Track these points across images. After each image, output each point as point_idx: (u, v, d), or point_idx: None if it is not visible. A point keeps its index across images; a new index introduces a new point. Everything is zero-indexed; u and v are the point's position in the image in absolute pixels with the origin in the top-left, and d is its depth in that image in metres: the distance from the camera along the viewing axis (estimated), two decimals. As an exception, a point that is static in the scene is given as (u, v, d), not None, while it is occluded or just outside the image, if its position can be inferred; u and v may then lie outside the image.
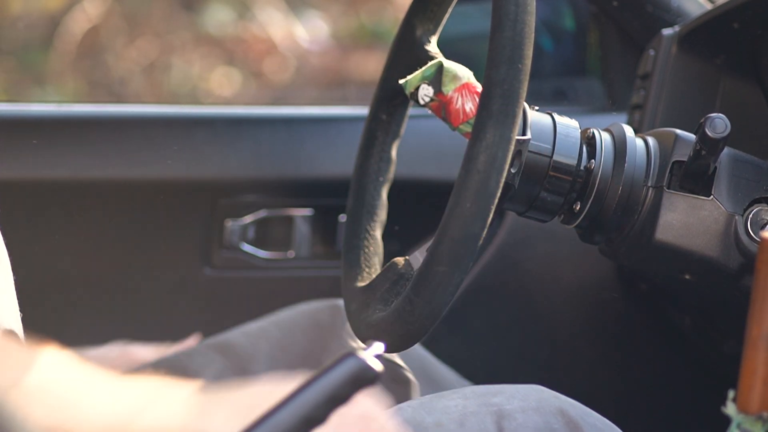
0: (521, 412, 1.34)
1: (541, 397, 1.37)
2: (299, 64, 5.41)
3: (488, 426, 1.33)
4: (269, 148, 2.03)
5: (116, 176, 1.96)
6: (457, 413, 1.35)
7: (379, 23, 5.44)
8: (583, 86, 2.28)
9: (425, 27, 1.55)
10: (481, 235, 1.29)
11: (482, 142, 1.28)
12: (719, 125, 1.38)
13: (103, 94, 5.11)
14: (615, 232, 1.48)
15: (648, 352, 2.09)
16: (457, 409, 1.35)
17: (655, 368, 2.09)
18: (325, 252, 2.05)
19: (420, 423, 1.34)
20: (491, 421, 1.34)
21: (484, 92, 1.30)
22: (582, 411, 1.36)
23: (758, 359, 1.06)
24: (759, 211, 1.44)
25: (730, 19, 1.67)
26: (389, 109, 1.61)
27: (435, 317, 1.33)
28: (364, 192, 1.60)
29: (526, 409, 1.35)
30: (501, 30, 1.30)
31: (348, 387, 1.08)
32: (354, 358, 1.08)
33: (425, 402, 1.38)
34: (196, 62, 5.27)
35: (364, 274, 1.56)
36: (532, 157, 1.42)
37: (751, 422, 1.08)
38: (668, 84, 1.76)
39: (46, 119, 2.01)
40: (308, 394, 1.07)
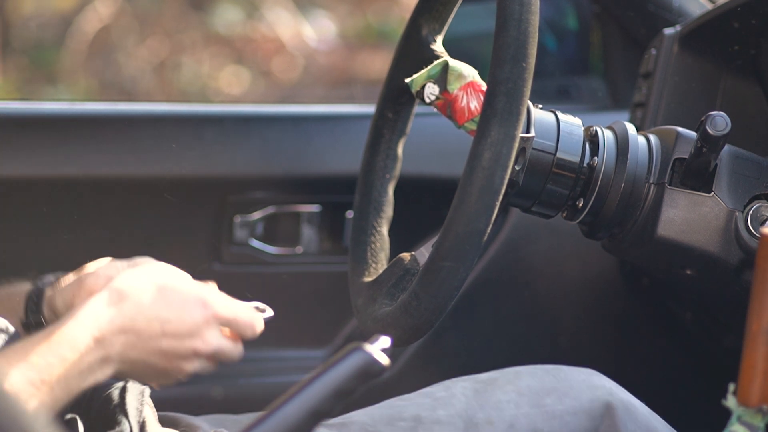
0: (572, 414, 1.35)
1: (594, 396, 1.37)
2: (307, 63, 5.40)
3: (538, 427, 1.35)
4: (277, 145, 2.03)
5: (127, 173, 1.96)
6: (509, 413, 1.35)
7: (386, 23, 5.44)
8: (586, 85, 2.27)
9: (431, 26, 1.56)
10: (486, 230, 1.31)
11: (487, 139, 1.29)
12: (720, 123, 1.39)
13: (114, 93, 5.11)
14: (617, 228, 1.48)
15: (650, 346, 2.09)
16: (509, 406, 1.36)
17: (657, 362, 2.09)
18: (333, 248, 2.05)
19: (471, 418, 1.35)
20: (542, 424, 1.35)
21: (488, 90, 1.31)
22: (630, 414, 1.36)
23: (758, 353, 1.07)
24: (759, 208, 1.44)
25: (731, 18, 1.67)
26: (395, 108, 1.62)
27: (441, 311, 1.35)
28: (370, 189, 1.61)
29: (577, 410, 1.36)
30: (505, 29, 1.31)
31: (355, 380, 1.09)
32: (361, 352, 1.09)
33: (479, 390, 1.38)
34: (205, 61, 5.27)
35: (371, 270, 1.57)
36: (536, 154, 1.43)
37: (751, 415, 1.09)
38: (670, 82, 1.76)
39: (58, 117, 2.01)
40: (316, 388, 1.08)
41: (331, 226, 2.05)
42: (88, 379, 1.20)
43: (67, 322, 1.21)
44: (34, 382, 1.17)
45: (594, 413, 1.36)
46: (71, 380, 1.19)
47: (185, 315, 1.25)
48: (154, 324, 1.23)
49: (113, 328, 1.21)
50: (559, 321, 2.07)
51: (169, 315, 1.24)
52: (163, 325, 1.23)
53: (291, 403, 1.08)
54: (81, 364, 1.19)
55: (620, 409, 1.36)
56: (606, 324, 2.09)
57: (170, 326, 1.24)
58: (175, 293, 1.25)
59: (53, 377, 1.17)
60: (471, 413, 1.35)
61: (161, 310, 1.24)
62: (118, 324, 1.22)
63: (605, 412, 1.36)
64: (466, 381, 1.40)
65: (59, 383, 1.18)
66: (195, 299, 1.25)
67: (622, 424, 1.35)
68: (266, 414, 1.08)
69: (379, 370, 1.09)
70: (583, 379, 1.39)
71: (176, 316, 1.24)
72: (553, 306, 2.07)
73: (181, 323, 1.25)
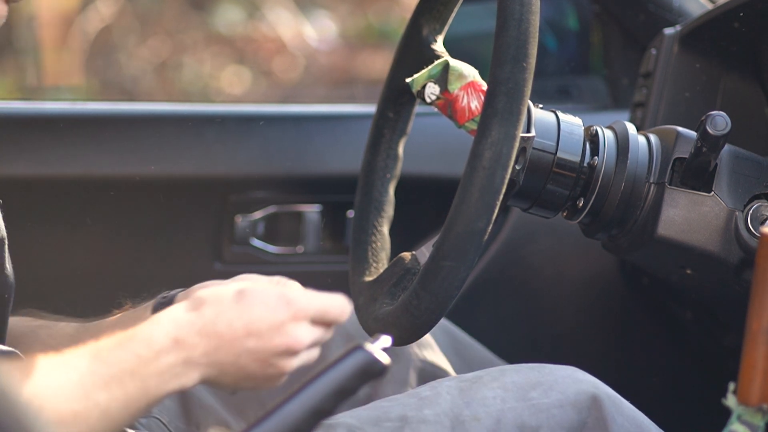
0: (558, 407, 1.35)
1: (579, 389, 1.37)
2: (308, 63, 5.41)
3: (525, 423, 1.34)
4: (279, 145, 2.03)
5: (128, 173, 1.96)
6: (496, 408, 1.35)
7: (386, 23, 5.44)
8: (587, 84, 2.27)
9: (431, 26, 1.56)
10: (486, 230, 1.31)
11: (487, 139, 1.29)
12: (720, 123, 1.39)
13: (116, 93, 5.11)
14: (618, 227, 1.49)
15: (650, 345, 2.09)
16: (495, 401, 1.35)
17: (657, 361, 2.09)
18: (334, 247, 2.05)
19: (458, 416, 1.35)
20: (529, 417, 1.34)
21: (489, 90, 1.31)
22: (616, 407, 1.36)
23: (758, 352, 1.07)
24: (759, 207, 1.45)
25: (731, 18, 1.67)
26: (396, 107, 1.62)
27: (441, 311, 1.35)
28: (371, 188, 1.61)
29: (563, 403, 1.35)
30: (506, 29, 1.31)
31: (356, 379, 1.09)
32: (362, 351, 1.10)
33: (464, 389, 1.38)
34: (206, 61, 5.27)
35: (372, 269, 1.57)
36: (537, 154, 1.44)
37: (751, 414, 1.09)
38: (670, 82, 1.77)
39: (60, 117, 2.01)
40: (317, 387, 1.09)
41: (332, 225, 2.05)
42: (171, 382, 1.19)
43: (145, 324, 1.21)
44: (103, 376, 1.17)
45: (580, 406, 1.35)
46: (148, 379, 1.18)
47: (268, 314, 1.23)
48: (236, 325, 1.21)
49: (192, 331, 1.20)
50: (560, 320, 2.07)
51: (251, 315, 1.22)
52: (246, 326, 1.22)
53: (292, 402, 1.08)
54: (158, 364, 1.18)
55: (607, 401, 1.36)
56: (606, 323, 2.09)
57: (254, 326, 1.22)
58: (256, 294, 1.24)
59: (125, 373, 1.17)
60: (457, 411, 1.35)
61: (243, 312, 1.23)
62: (197, 327, 1.21)
63: (591, 405, 1.35)
64: (452, 380, 1.40)
65: (133, 380, 1.17)
66: (277, 298, 1.24)
67: (610, 416, 1.35)
68: (268, 413, 1.08)
69: (380, 370, 1.09)
70: (568, 374, 1.39)
71: (259, 315, 1.23)
72: (553, 305, 2.07)
73: (265, 322, 1.23)
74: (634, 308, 2.07)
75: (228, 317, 1.22)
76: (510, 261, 2.04)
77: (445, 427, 1.34)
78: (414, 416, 1.35)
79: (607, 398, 1.36)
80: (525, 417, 1.34)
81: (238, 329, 1.21)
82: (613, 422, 1.35)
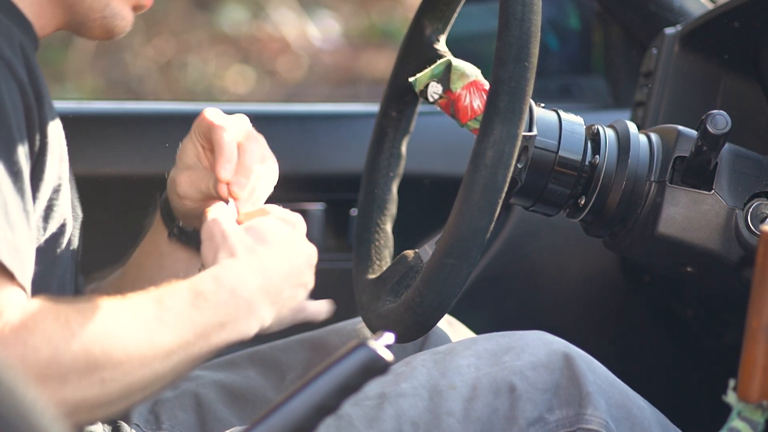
0: (531, 369, 1.36)
1: (550, 350, 1.38)
2: (312, 63, 5.41)
3: (501, 386, 1.36)
4: (282, 144, 2.03)
5: (134, 172, 1.96)
6: (471, 375, 1.37)
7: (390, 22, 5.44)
8: (588, 84, 2.28)
9: (434, 26, 1.57)
10: (488, 228, 1.32)
11: (490, 138, 1.30)
12: (720, 122, 1.40)
13: (121, 92, 5.12)
14: (619, 225, 1.49)
15: (651, 342, 2.09)
16: (470, 369, 1.37)
17: (658, 358, 2.09)
18: (337, 245, 2.06)
19: (435, 386, 1.36)
20: (503, 380, 1.36)
21: (491, 90, 1.32)
22: (587, 365, 1.38)
23: (758, 350, 1.07)
24: (759, 205, 1.45)
25: (731, 18, 1.68)
26: (399, 107, 1.63)
27: (444, 308, 1.36)
28: (374, 187, 1.62)
29: (536, 365, 1.37)
30: (508, 29, 1.32)
31: (359, 376, 1.09)
32: (365, 348, 1.09)
33: (438, 360, 1.39)
34: (211, 60, 5.28)
35: (375, 267, 1.58)
36: (539, 152, 1.44)
37: (751, 410, 1.09)
38: (671, 82, 1.77)
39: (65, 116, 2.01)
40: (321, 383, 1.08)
41: (335, 223, 2.06)
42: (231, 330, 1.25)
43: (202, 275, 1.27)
44: (166, 321, 1.20)
45: (553, 366, 1.37)
46: (208, 327, 1.23)
47: (303, 247, 1.34)
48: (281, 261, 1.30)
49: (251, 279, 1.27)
50: (561, 318, 2.07)
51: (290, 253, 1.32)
52: (287, 257, 1.31)
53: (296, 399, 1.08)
54: (217, 313, 1.24)
55: (578, 359, 1.37)
56: (607, 320, 2.09)
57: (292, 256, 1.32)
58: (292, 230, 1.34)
59: (185, 319, 1.21)
60: (434, 382, 1.36)
61: (283, 250, 1.32)
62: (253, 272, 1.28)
63: (564, 364, 1.37)
64: (425, 354, 1.42)
65: (194, 327, 1.22)
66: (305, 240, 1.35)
67: (582, 374, 1.36)
68: (271, 409, 1.08)
69: (383, 366, 1.09)
70: (538, 337, 1.40)
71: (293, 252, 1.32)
72: (554, 303, 2.08)
73: (302, 254, 1.33)
74: (635, 306, 2.07)
75: (274, 257, 1.29)
76: (512, 259, 2.04)
77: (423, 398, 1.35)
78: (392, 391, 1.36)
79: (578, 357, 1.37)
80: (499, 381, 1.36)
81: (282, 261, 1.29)
82: (586, 379, 1.36)
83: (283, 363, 1.61)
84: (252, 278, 1.27)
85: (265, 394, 1.57)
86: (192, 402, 1.54)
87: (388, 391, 1.36)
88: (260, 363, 1.62)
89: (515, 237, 2.05)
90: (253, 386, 1.57)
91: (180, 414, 1.53)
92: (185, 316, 1.22)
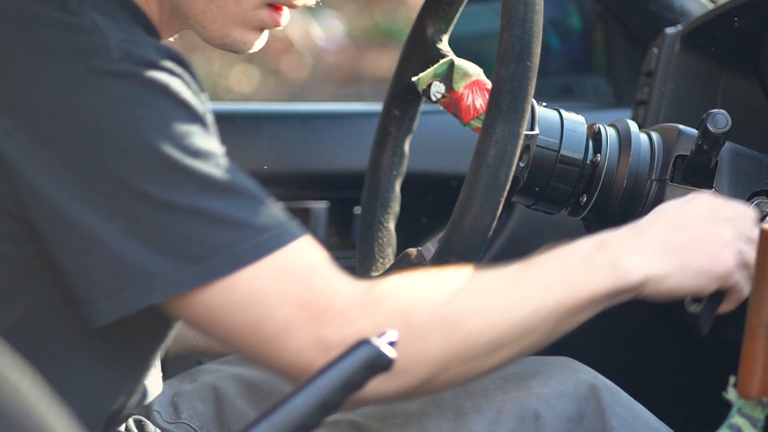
0: (557, 398, 1.36)
1: (578, 380, 1.38)
2: (315, 62, 5.41)
3: (526, 413, 1.35)
4: (286, 143, 2.03)
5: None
6: (497, 398, 1.36)
7: (393, 22, 5.45)
8: (589, 83, 2.28)
9: (437, 26, 1.57)
10: (491, 226, 1.32)
11: (492, 137, 1.30)
12: (720, 121, 1.40)
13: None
14: (620, 223, 1.45)
15: (651, 339, 2.09)
16: (496, 392, 1.36)
17: (658, 355, 2.09)
18: (341, 243, 2.06)
19: (460, 408, 1.36)
20: (529, 407, 1.35)
21: (493, 89, 1.32)
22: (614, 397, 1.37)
23: (758, 346, 1.08)
24: (759, 204, 1.45)
25: (731, 18, 1.68)
26: (402, 106, 1.63)
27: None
28: (378, 185, 1.62)
29: (562, 394, 1.36)
30: (510, 29, 1.32)
31: (363, 373, 1.09)
32: (368, 345, 1.09)
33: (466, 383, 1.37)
34: (215, 60, 5.28)
35: (378, 265, 1.58)
36: (540, 151, 1.44)
37: (751, 407, 1.10)
38: (671, 81, 1.77)
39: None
40: (325, 380, 1.09)
41: (339, 221, 2.06)
42: (608, 275, 1.25)
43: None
44: (544, 284, 1.22)
45: (579, 396, 1.36)
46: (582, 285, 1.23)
47: (728, 204, 1.28)
48: (694, 211, 1.26)
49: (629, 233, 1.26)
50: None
51: (710, 201, 1.28)
52: (709, 210, 1.26)
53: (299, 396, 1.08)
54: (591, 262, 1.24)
55: (605, 391, 1.37)
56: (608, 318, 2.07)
57: (714, 210, 1.26)
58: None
59: (556, 282, 1.22)
60: (459, 403, 1.36)
61: (702, 200, 1.28)
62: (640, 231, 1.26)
63: (590, 395, 1.36)
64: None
65: (573, 284, 1.22)
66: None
67: (608, 406, 1.36)
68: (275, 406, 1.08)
69: (386, 364, 1.09)
70: (567, 364, 1.40)
71: (716, 203, 1.28)
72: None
73: (723, 208, 1.28)
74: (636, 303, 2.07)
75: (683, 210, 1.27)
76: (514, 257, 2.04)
77: (448, 419, 1.35)
78: (417, 411, 1.35)
79: (605, 388, 1.37)
80: (525, 407, 1.35)
81: (695, 214, 1.26)
82: (612, 412, 1.35)
83: None
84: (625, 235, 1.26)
85: (283, 388, 1.56)
86: (211, 394, 1.54)
87: (414, 411, 1.35)
88: None
89: (517, 235, 2.05)
90: (272, 380, 1.57)
91: (199, 405, 1.53)
92: (550, 265, 1.22)
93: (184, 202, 1.13)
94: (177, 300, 1.14)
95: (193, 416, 1.52)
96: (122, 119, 1.13)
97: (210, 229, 1.13)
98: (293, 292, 1.14)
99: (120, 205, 1.13)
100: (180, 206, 1.13)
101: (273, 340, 1.14)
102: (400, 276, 1.20)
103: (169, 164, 1.13)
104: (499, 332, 1.18)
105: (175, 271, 1.13)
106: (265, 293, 1.14)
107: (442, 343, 1.15)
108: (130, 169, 1.13)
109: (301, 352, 1.14)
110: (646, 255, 1.26)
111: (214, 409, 1.54)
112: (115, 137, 1.13)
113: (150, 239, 1.13)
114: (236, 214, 1.14)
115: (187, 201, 1.13)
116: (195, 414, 1.53)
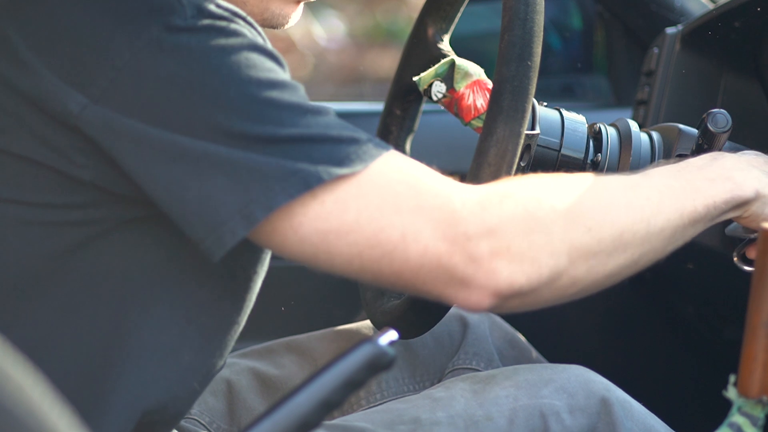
0: (569, 413, 1.36)
1: (590, 391, 1.38)
2: (317, 62, 5.41)
3: (536, 424, 1.35)
4: (288, 142, 2.03)
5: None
6: (508, 407, 1.36)
7: (394, 22, 5.45)
8: (590, 83, 2.28)
9: (438, 26, 1.57)
10: (492, 225, 1.33)
11: (493, 136, 1.30)
12: (721, 120, 1.41)
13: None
14: None
15: (652, 338, 2.09)
16: (508, 400, 1.36)
17: (659, 354, 2.09)
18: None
19: (471, 416, 1.35)
20: (539, 418, 1.35)
21: (494, 89, 1.32)
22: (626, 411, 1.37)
23: (758, 345, 1.09)
24: (759, 203, 1.46)
25: (732, 18, 1.68)
26: (403, 105, 1.63)
27: (447, 306, 1.36)
28: (379, 185, 1.63)
29: (573, 408, 1.36)
30: (511, 29, 1.32)
31: (364, 372, 1.10)
32: (370, 344, 1.10)
33: (477, 390, 1.38)
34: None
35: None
36: (541, 150, 1.45)
37: (751, 406, 1.10)
38: (672, 80, 1.77)
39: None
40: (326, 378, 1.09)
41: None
42: (723, 184, 1.28)
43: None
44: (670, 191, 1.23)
45: (591, 410, 1.36)
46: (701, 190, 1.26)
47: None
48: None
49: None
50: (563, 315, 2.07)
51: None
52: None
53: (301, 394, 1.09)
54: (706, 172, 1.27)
55: (617, 405, 1.36)
56: (609, 318, 2.09)
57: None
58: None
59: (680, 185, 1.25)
60: (470, 411, 1.36)
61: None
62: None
63: (602, 409, 1.36)
64: (465, 380, 1.41)
65: (688, 193, 1.25)
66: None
67: (619, 421, 1.35)
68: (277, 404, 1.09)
69: (387, 362, 1.09)
70: (579, 374, 1.39)
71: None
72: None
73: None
74: (637, 302, 2.07)
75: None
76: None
77: (458, 428, 1.34)
78: (427, 418, 1.35)
79: (617, 402, 1.37)
80: (536, 417, 1.35)
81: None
82: (623, 427, 1.35)
83: (318, 353, 1.60)
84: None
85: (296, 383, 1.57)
86: (224, 388, 1.54)
87: (424, 418, 1.35)
88: (296, 351, 1.61)
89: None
90: (285, 375, 1.57)
91: (210, 400, 1.53)
92: (669, 173, 1.25)
93: (282, 132, 1.15)
94: (293, 217, 1.14)
95: (204, 411, 1.52)
96: (207, 68, 1.15)
97: (316, 148, 1.15)
98: (406, 199, 1.15)
99: (219, 151, 1.14)
100: (280, 137, 1.14)
101: (397, 248, 1.14)
102: (515, 178, 1.21)
103: (260, 101, 1.15)
104: (620, 229, 1.19)
105: (292, 176, 1.14)
106: (381, 199, 1.15)
107: (565, 234, 1.16)
108: (224, 113, 1.14)
109: (428, 250, 1.14)
110: (757, 174, 1.31)
111: (225, 403, 1.54)
112: (203, 85, 1.14)
113: (256, 172, 1.13)
114: (334, 132, 1.17)
115: (284, 131, 1.15)
116: (206, 409, 1.53)
